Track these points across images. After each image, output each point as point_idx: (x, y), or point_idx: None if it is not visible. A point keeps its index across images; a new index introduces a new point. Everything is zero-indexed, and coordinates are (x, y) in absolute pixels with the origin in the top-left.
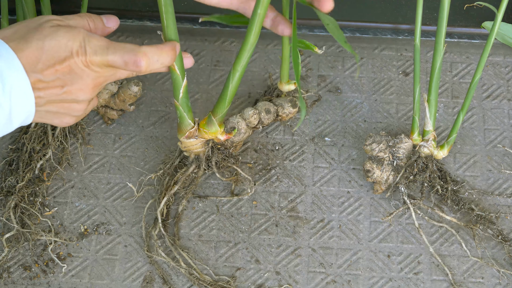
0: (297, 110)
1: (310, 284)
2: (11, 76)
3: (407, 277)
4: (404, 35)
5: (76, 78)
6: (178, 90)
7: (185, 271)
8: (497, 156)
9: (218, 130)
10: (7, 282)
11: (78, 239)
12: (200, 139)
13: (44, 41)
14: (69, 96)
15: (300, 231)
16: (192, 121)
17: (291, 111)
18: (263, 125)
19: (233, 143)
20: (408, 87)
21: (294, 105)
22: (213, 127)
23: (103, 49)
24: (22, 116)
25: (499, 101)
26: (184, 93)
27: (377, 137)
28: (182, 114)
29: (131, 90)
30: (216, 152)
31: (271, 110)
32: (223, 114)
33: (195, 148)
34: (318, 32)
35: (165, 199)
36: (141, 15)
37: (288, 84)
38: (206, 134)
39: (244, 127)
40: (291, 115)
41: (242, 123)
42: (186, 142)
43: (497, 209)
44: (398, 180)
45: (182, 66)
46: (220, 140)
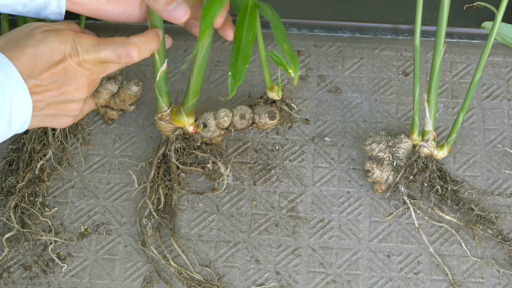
0: (275, 122)
1: (310, 284)
2: (10, 85)
3: (407, 277)
4: (404, 35)
5: (72, 78)
6: (156, 73)
7: (174, 270)
8: (497, 156)
9: (186, 121)
10: (7, 282)
11: (78, 239)
12: (170, 124)
13: (37, 47)
14: (66, 96)
15: (300, 231)
16: (166, 105)
17: (267, 122)
18: (235, 128)
19: (203, 138)
20: (408, 87)
21: (272, 117)
22: (181, 117)
23: (94, 46)
24: (20, 122)
25: (499, 101)
26: (162, 77)
27: (377, 137)
28: (157, 96)
29: (131, 90)
30: (180, 140)
31: (245, 116)
32: (190, 106)
33: (166, 131)
34: (318, 32)
35: (148, 184)
36: None
37: (271, 91)
38: (175, 122)
39: (213, 126)
40: (268, 126)
41: (212, 121)
42: (158, 123)
43: (497, 209)
44: (398, 180)
45: (164, 52)
46: (188, 131)
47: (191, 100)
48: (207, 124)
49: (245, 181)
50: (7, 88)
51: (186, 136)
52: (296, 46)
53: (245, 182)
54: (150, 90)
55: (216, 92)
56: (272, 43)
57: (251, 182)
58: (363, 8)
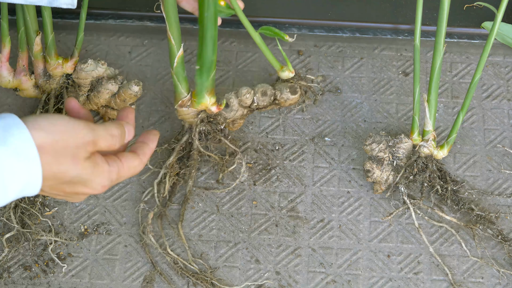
0: (296, 97)
1: (310, 284)
2: (26, 176)
3: (407, 277)
4: (404, 35)
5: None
6: (173, 60)
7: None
8: (497, 156)
9: (208, 101)
10: (7, 282)
11: (78, 239)
12: (192, 109)
13: (69, 173)
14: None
15: (300, 231)
16: (186, 91)
17: (289, 97)
18: (258, 107)
19: (226, 120)
20: (408, 87)
21: (293, 92)
22: (202, 98)
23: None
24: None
25: (499, 101)
26: (179, 63)
27: (377, 137)
28: (176, 83)
29: (131, 89)
30: (205, 123)
31: (267, 93)
32: (209, 83)
33: (188, 118)
34: (318, 32)
35: (163, 171)
36: (141, 15)
37: (283, 71)
38: (196, 104)
39: (236, 104)
40: (290, 102)
41: (234, 100)
42: (179, 111)
43: (497, 209)
44: (398, 180)
45: (179, 37)
46: (212, 112)
47: (210, 74)
48: (230, 103)
49: (245, 181)
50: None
51: (210, 119)
52: (296, 46)
53: (245, 182)
54: (150, 90)
55: (217, 92)
56: (272, 44)
57: (251, 182)
58: (363, 8)
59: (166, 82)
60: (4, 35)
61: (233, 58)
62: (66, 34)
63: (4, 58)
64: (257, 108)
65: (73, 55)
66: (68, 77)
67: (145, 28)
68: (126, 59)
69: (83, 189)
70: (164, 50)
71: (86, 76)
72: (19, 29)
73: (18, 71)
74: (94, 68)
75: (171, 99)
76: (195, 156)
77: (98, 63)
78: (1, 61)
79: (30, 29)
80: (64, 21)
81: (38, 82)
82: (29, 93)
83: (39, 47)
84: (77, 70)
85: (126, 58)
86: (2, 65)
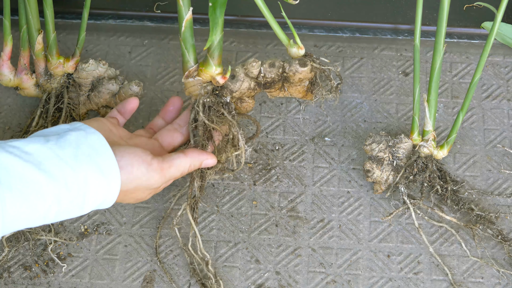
0: (306, 71)
1: (310, 284)
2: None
3: (407, 277)
4: (404, 35)
5: None
6: (181, 23)
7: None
8: (497, 156)
9: (214, 69)
10: (7, 282)
11: (78, 239)
12: (198, 79)
13: (143, 195)
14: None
15: (300, 231)
16: (193, 60)
17: (298, 69)
18: (266, 80)
19: (232, 93)
20: (408, 87)
21: (302, 64)
22: (209, 66)
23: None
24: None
25: (498, 101)
26: (187, 27)
27: (377, 137)
28: (183, 50)
29: (132, 90)
30: (209, 94)
31: (275, 64)
32: (216, 48)
33: (194, 90)
34: (318, 32)
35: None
36: (141, 15)
37: (291, 46)
38: (203, 73)
39: (242, 74)
40: (299, 76)
41: (241, 70)
42: (186, 83)
43: (497, 209)
44: (398, 180)
45: None
46: (218, 83)
47: (216, 38)
48: (235, 73)
49: (245, 181)
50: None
51: (216, 92)
52: None
53: (245, 182)
54: (150, 90)
55: None
56: (272, 43)
57: (251, 182)
58: (363, 8)
59: (166, 82)
60: (6, 33)
61: (233, 58)
62: (66, 34)
63: (6, 57)
64: (265, 83)
65: (75, 55)
66: (69, 77)
67: (145, 28)
68: (126, 59)
69: (150, 193)
70: (164, 50)
71: (87, 76)
72: (21, 27)
73: (19, 69)
74: (95, 68)
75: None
76: (200, 131)
77: (99, 63)
78: (3, 60)
79: (32, 27)
80: (64, 21)
81: (39, 81)
82: (30, 92)
83: (40, 46)
84: (78, 70)
85: (126, 58)
86: (4, 64)
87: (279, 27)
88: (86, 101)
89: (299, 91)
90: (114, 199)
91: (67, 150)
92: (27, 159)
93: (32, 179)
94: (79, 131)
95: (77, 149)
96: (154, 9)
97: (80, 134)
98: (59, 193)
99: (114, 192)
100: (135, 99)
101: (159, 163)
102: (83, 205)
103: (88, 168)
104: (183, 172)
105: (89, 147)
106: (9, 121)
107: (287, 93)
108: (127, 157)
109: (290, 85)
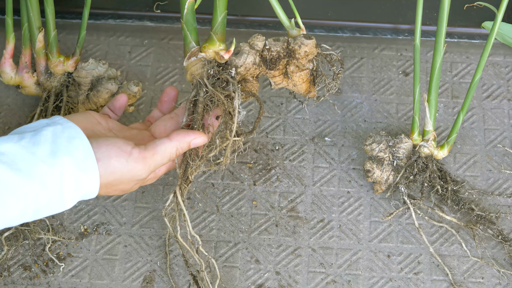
0: (312, 44)
1: (310, 284)
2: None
3: (407, 277)
4: (404, 35)
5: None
6: (183, 6)
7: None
8: (497, 156)
9: (217, 45)
10: (7, 282)
11: (78, 239)
12: (200, 59)
13: (126, 187)
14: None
15: (300, 231)
16: (195, 42)
17: (303, 42)
18: (270, 52)
19: (237, 68)
20: (408, 87)
21: (308, 37)
22: (212, 42)
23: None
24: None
25: (499, 101)
26: (189, 10)
27: (377, 137)
28: (185, 33)
29: (130, 90)
30: (213, 63)
31: (280, 38)
32: (220, 26)
33: (196, 69)
34: (318, 32)
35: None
36: (141, 15)
37: (291, 28)
38: (206, 49)
39: (247, 48)
40: (305, 48)
41: (245, 44)
42: (188, 65)
43: (497, 209)
44: (398, 180)
45: None
46: (222, 58)
47: (220, 14)
48: (240, 48)
49: (245, 181)
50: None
51: (220, 67)
52: None
53: (245, 182)
54: (150, 90)
55: None
56: None
57: (251, 182)
58: (363, 8)
59: (166, 82)
60: (8, 31)
61: None
62: (66, 34)
63: (8, 55)
64: (271, 58)
65: (75, 54)
66: (69, 76)
67: (145, 28)
68: (126, 59)
69: (136, 184)
70: (164, 50)
71: (87, 75)
72: (23, 25)
73: (20, 67)
74: (95, 67)
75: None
76: (200, 108)
77: (99, 62)
78: (5, 58)
79: (33, 25)
80: (64, 21)
81: (39, 80)
82: (31, 91)
83: (41, 44)
84: (78, 69)
85: (126, 58)
86: (6, 61)
87: (280, 7)
88: (85, 100)
89: (303, 78)
90: (96, 191)
91: (42, 146)
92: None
93: (5, 180)
94: (56, 126)
95: (52, 144)
96: (154, 9)
97: (57, 129)
98: (35, 191)
99: (94, 184)
100: (123, 95)
101: (140, 152)
102: (62, 201)
103: (64, 162)
104: (170, 158)
105: (66, 141)
106: (9, 120)
107: (291, 82)
108: (105, 148)
109: (295, 68)
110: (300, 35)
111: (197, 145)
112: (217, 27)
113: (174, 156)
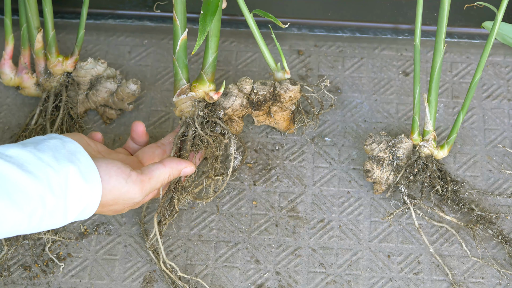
0: (296, 89)
1: (310, 284)
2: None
3: (407, 277)
4: (404, 35)
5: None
6: (176, 43)
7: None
8: (497, 156)
9: (207, 85)
10: (7, 282)
11: (78, 239)
12: (190, 97)
13: (120, 208)
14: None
15: (300, 231)
16: (186, 79)
17: (289, 87)
18: (257, 96)
19: (225, 109)
20: (408, 87)
21: (293, 83)
22: (202, 82)
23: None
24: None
25: (499, 101)
26: (182, 46)
27: (377, 137)
28: (176, 70)
29: (129, 88)
30: (202, 107)
31: (266, 83)
32: (210, 66)
33: (185, 107)
34: (318, 32)
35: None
36: (140, 15)
37: (277, 71)
38: (196, 89)
39: (235, 90)
40: (290, 94)
41: (234, 87)
42: (177, 102)
43: (497, 209)
44: (398, 180)
45: (184, 19)
46: (211, 99)
47: (211, 55)
48: (229, 90)
49: (245, 181)
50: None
51: (208, 107)
52: (296, 46)
53: (245, 182)
54: (149, 90)
55: None
56: (272, 43)
57: (251, 182)
58: (363, 8)
59: (166, 82)
60: (7, 32)
61: (233, 58)
62: (66, 34)
63: (7, 56)
64: (257, 101)
65: (74, 53)
66: (68, 76)
67: (145, 28)
68: (125, 59)
69: (128, 206)
70: (164, 50)
71: (86, 74)
72: (22, 26)
73: (20, 68)
74: (94, 66)
75: (171, 99)
76: (188, 146)
77: (98, 61)
78: (4, 59)
79: (31, 25)
80: (64, 21)
81: (39, 80)
82: (30, 92)
83: (40, 44)
84: (77, 68)
85: (125, 58)
86: (5, 62)
87: (268, 50)
88: (84, 99)
89: (284, 118)
90: (96, 205)
91: (46, 153)
92: (9, 161)
93: (16, 179)
94: (56, 139)
95: (56, 152)
96: (154, 9)
97: (57, 142)
98: (43, 194)
99: (96, 196)
100: (136, 123)
101: (138, 175)
102: (65, 209)
103: (69, 170)
104: (163, 183)
105: (68, 153)
106: (8, 121)
107: (273, 120)
108: (105, 166)
109: (278, 109)
110: (285, 80)
111: (186, 174)
112: (207, 67)
113: (166, 181)
